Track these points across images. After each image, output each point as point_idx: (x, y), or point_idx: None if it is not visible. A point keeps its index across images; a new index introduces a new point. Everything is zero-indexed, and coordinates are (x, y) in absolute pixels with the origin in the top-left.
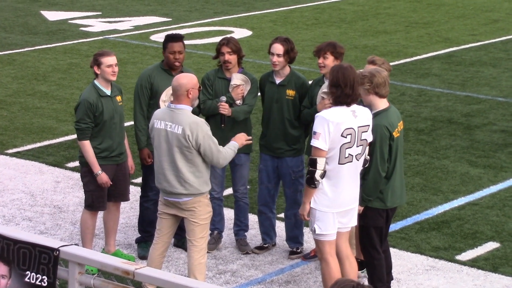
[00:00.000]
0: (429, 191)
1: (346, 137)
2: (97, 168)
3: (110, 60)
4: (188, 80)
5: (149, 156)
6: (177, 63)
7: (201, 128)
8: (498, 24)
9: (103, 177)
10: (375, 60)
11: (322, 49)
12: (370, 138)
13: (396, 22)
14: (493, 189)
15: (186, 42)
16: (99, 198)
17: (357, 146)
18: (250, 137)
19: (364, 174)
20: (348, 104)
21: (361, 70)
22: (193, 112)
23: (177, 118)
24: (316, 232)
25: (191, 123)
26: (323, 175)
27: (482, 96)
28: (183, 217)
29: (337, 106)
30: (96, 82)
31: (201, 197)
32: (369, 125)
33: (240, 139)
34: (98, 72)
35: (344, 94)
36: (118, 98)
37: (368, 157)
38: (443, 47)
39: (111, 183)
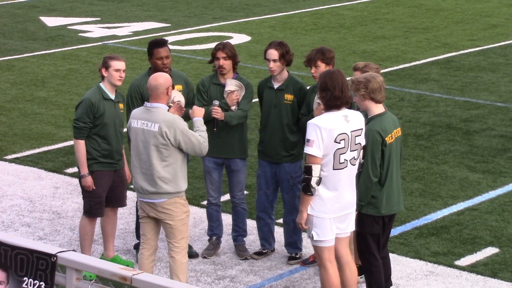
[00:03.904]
0: (428, 196)
1: (339, 143)
2: (84, 170)
3: (119, 64)
4: (165, 79)
5: None
6: (165, 69)
7: (178, 124)
8: (497, 29)
9: (88, 180)
10: (358, 65)
11: (312, 58)
12: (363, 142)
13: (395, 27)
14: (492, 194)
15: (185, 47)
16: (97, 204)
17: (351, 151)
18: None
19: (357, 179)
20: (339, 107)
21: (352, 77)
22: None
23: (153, 116)
24: (314, 239)
25: (167, 121)
26: (319, 182)
27: (481, 101)
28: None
29: (328, 112)
30: (101, 84)
31: (177, 198)
32: (362, 129)
33: (199, 111)
34: (105, 74)
35: (334, 97)
36: (121, 105)
37: (363, 160)
38: (442, 52)
39: (108, 189)
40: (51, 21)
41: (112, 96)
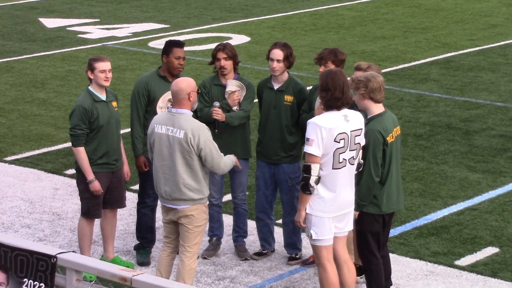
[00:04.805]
0: (428, 196)
1: (339, 142)
2: (90, 176)
3: (103, 65)
4: (188, 83)
5: (145, 164)
6: (180, 69)
7: (203, 132)
8: (496, 29)
9: (96, 185)
10: (361, 65)
11: (323, 57)
12: (363, 142)
13: (394, 27)
14: (492, 194)
15: (184, 48)
16: (94, 205)
17: (350, 150)
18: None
19: (358, 179)
20: (339, 108)
21: (352, 76)
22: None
23: (178, 123)
24: (313, 238)
25: (193, 127)
26: (317, 181)
27: (480, 101)
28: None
29: (328, 111)
30: (90, 88)
31: (199, 204)
32: (361, 129)
33: (234, 157)
34: (91, 77)
35: (334, 98)
36: (114, 103)
37: (362, 161)
38: (441, 52)
39: (106, 190)
40: (50, 23)
41: (103, 97)
